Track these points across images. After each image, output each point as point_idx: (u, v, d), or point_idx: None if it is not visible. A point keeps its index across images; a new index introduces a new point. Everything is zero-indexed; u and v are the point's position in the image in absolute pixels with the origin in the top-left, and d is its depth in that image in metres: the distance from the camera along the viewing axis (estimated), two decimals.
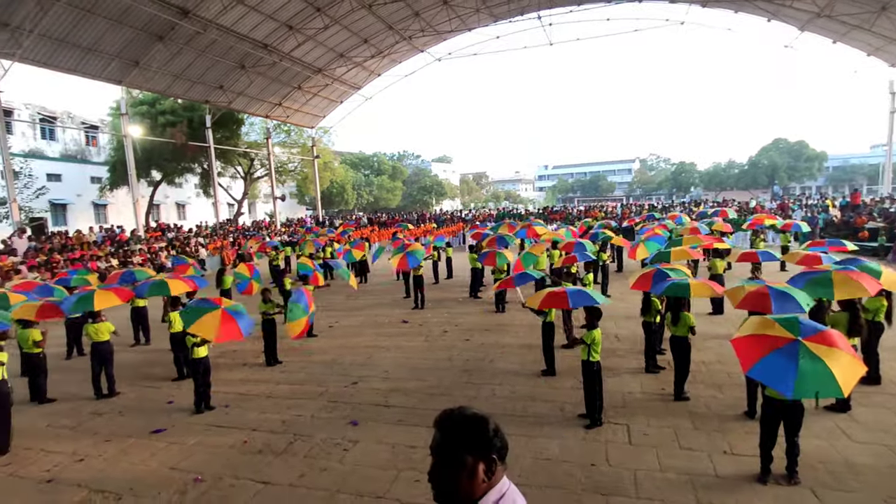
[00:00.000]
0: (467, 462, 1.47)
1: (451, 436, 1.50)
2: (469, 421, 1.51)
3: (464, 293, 14.72)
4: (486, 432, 1.50)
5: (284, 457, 5.70)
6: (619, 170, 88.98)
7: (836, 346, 3.99)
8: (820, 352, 3.91)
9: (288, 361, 9.23)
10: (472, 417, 1.53)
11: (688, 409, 6.43)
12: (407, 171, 67.99)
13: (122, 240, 22.21)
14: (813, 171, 62.82)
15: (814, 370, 3.81)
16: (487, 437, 1.49)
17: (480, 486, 1.48)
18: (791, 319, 4.33)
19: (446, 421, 1.53)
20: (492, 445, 1.49)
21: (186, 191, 39.65)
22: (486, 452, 1.48)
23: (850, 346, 4.25)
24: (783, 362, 3.92)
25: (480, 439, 1.48)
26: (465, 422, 1.51)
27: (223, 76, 25.32)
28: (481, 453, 1.47)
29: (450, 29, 27.07)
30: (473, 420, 1.52)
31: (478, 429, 1.50)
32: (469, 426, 1.50)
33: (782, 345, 4.05)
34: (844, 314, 6.18)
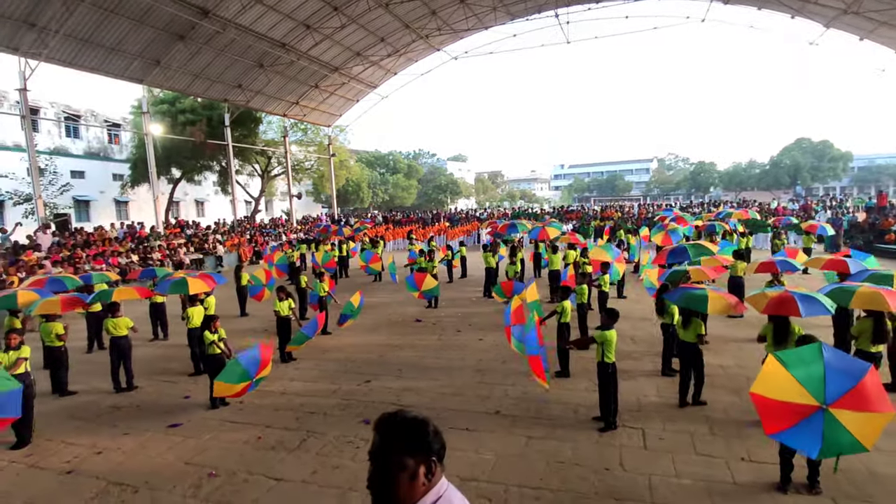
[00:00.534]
0: (408, 465, 1.46)
1: (392, 439, 1.49)
2: (409, 424, 1.51)
3: (478, 293, 14.68)
4: (426, 434, 1.50)
5: (297, 453, 5.73)
6: (636, 169, 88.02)
7: (864, 409, 3.69)
8: (845, 419, 3.66)
9: (301, 359, 9.29)
10: (411, 420, 1.52)
11: (705, 414, 6.31)
12: (422, 169, 68.06)
13: (142, 236, 22.61)
14: (837, 171, 61.33)
15: (838, 439, 3.65)
16: (427, 440, 1.49)
17: (420, 489, 1.48)
18: (816, 377, 3.80)
19: (386, 424, 1.52)
20: (431, 447, 1.49)
21: (205, 188, 40.23)
22: (427, 454, 1.48)
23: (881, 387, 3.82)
24: (808, 433, 3.72)
25: (421, 442, 1.48)
26: (406, 425, 1.51)
27: (242, 75, 25.61)
28: (422, 456, 1.47)
29: (466, 27, 27.00)
30: (413, 423, 1.51)
31: (418, 431, 1.50)
32: (409, 429, 1.50)
33: (807, 415, 3.75)
34: (869, 321, 6.01)
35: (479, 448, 5.67)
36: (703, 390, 6.58)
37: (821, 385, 3.75)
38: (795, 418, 3.74)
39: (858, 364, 3.98)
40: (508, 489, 4.85)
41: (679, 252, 9.50)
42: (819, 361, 3.88)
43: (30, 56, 17.50)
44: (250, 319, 12.74)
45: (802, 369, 3.87)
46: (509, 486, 4.89)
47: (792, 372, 3.86)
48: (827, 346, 4.05)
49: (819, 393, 3.73)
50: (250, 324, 12.29)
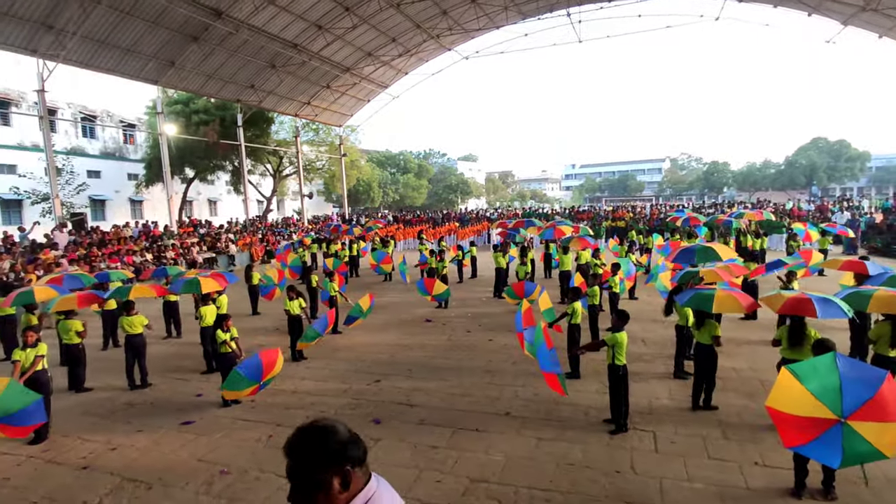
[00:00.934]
0: (321, 481, 1.42)
1: (300, 457, 1.46)
2: (315, 436, 1.47)
3: (488, 293, 14.66)
4: (333, 444, 1.46)
5: None
6: (648, 169, 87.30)
7: (883, 419, 3.61)
8: (864, 431, 3.58)
9: (312, 358, 9.35)
10: (318, 431, 1.48)
11: (718, 417, 6.24)
12: (433, 169, 68.12)
13: (155, 235, 22.90)
14: (855, 171, 60.27)
15: (859, 451, 3.59)
16: (336, 449, 1.45)
17: (339, 500, 1.44)
18: (831, 389, 3.70)
19: (293, 444, 1.48)
20: (343, 456, 1.45)
21: (218, 188, 40.64)
22: (339, 465, 1.44)
23: None
24: (827, 446, 3.66)
25: (329, 453, 1.44)
26: (311, 439, 1.46)
27: (254, 75, 25.84)
28: (333, 468, 1.43)
29: (477, 27, 26.97)
30: (320, 436, 1.47)
31: (325, 442, 1.46)
32: (316, 442, 1.46)
33: (826, 429, 3.67)
34: (887, 325, 5.88)
35: (488, 449, 5.66)
36: (714, 394, 6.51)
37: (837, 397, 3.65)
38: (814, 432, 3.66)
39: (874, 372, 3.87)
40: (518, 491, 4.84)
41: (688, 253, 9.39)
42: (834, 372, 3.77)
43: (47, 57, 17.81)
44: (262, 318, 12.84)
45: (817, 382, 3.76)
46: (519, 488, 4.87)
47: (806, 385, 3.75)
48: (841, 356, 3.94)
49: (836, 406, 3.63)
50: (262, 322, 12.40)
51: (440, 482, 5.04)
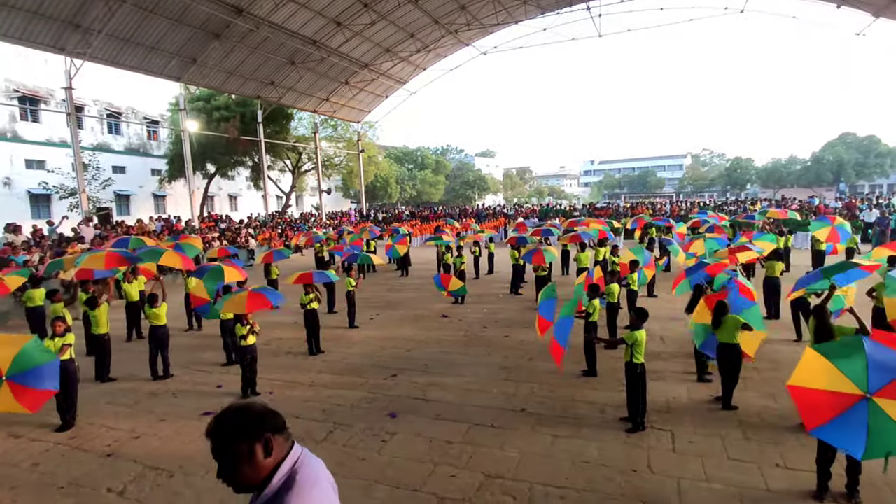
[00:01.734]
0: (242, 450, 1.53)
1: (220, 432, 1.55)
2: (232, 412, 1.58)
3: (504, 289, 14.62)
4: (250, 416, 1.57)
5: (324, 445, 5.84)
6: (669, 165, 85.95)
7: None
8: (892, 410, 3.47)
9: (330, 352, 9.45)
10: (234, 409, 1.60)
11: (738, 417, 6.14)
12: (450, 165, 68.07)
13: (178, 229, 23.34)
14: (885, 167, 58.39)
15: (886, 434, 3.44)
16: (253, 420, 1.56)
17: (265, 464, 1.56)
18: (858, 366, 3.65)
19: (213, 425, 1.58)
20: (261, 426, 1.56)
21: (238, 183, 41.26)
22: (259, 434, 1.54)
23: None
24: (852, 426, 3.53)
25: (247, 427, 1.55)
26: (229, 415, 1.57)
27: (274, 72, 26.10)
28: (253, 437, 1.54)
29: (496, 22, 26.79)
30: (236, 410, 1.59)
31: (241, 416, 1.57)
32: (233, 417, 1.57)
33: (850, 405, 3.58)
34: None
35: (504, 445, 5.66)
36: (735, 394, 6.40)
37: (864, 374, 3.56)
38: (837, 409, 3.55)
39: None
40: (533, 487, 4.83)
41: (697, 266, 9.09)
42: (861, 352, 3.68)
43: (75, 55, 18.24)
44: (281, 313, 12.97)
45: (843, 359, 3.69)
46: (534, 485, 4.87)
47: (833, 361, 3.68)
48: (868, 339, 3.86)
49: (862, 381, 3.54)
50: (280, 317, 12.52)
51: (455, 477, 5.05)
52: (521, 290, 14.24)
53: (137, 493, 4.98)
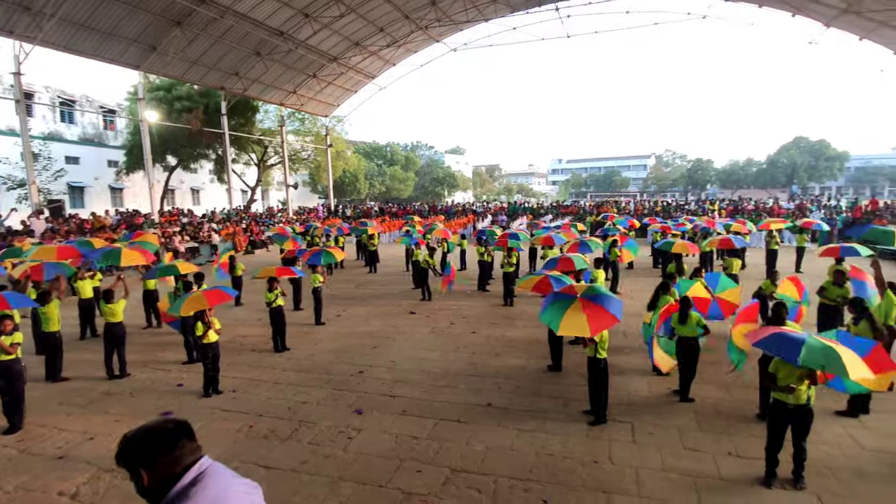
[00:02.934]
0: (133, 473, 1.66)
1: (126, 462, 1.67)
2: (123, 445, 1.68)
3: (473, 286, 14.70)
4: (131, 443, 1.66)
5: (289, 443, 5.76)
6: (633, 165, 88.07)
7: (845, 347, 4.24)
8: (829, 342, 4.16)
9: (296, 349, 9.31)
10: (124, 437, 1.69)
11: (694, 409, 6.37)
12: (420, 161, 67.89)
13: (137, 223, 22.51)
14: (833, 171, 61.57)
15: (822, 347, 4.06)
16: (132, 448, 1.66)
17: (162, 482, 1.64)
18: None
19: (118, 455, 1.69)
20: (137, 453, 1.65)
21: (201, 176, 40.03)
22: (139, 461, 1.64)
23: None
24: (793, 339, 4.21)
25: (132, 453, 1.66)
26: (123, 448, 1.67)
27: (239, 63, 25.42)
28: (138, 462, 1.65)
29: (466, 19, 26.84)
30: (124, 439, 1.69)
31: (126, 443, 1.67)
32: (122, 444, 1.68)
33: (792, 332, 4.37)
34: (865, 322, 6.03)
35: (469, 440, 5.72)
36: (692, 386, 6.64)
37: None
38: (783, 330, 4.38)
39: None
40: (498, 480, 4.90)
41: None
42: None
43: (24, 39, 17.30)
44: (244, 310, 12.73)
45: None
46: (499, 478, 4.93)
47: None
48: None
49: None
50: (245, 314, 12.29)
51: (421, 472, 5.07)
52: (489, 286, 14.34)
53: (91, 496, 4.80)
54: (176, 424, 1.74)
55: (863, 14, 21.18)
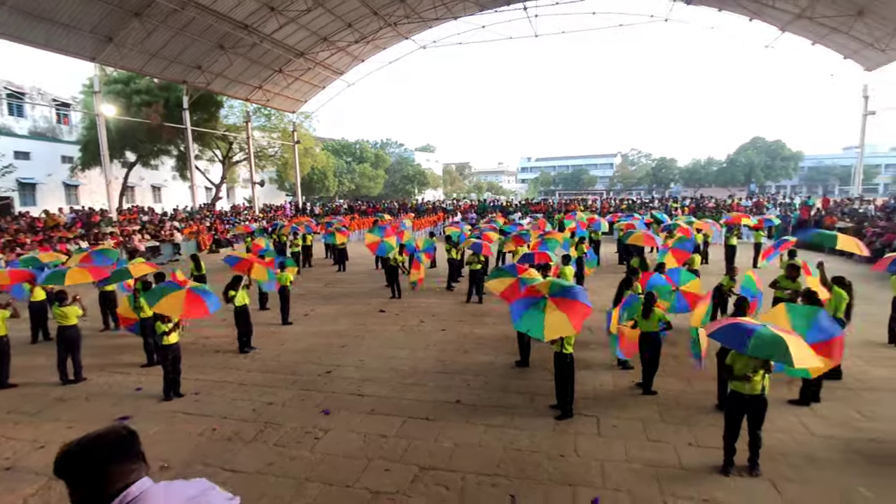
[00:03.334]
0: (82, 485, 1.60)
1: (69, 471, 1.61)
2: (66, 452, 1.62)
3: (443, 284, 14.71)
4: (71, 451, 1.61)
5: (254, 445, 5.64)
6: (600, 164, 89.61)
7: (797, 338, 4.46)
8: (780, 332, 4.34)
9: (262, 349, 9.12)
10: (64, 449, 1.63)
11: (657, 401, 6.54)
12: (390, 159, 67.47)
13: (94, 221, 21.62)
14: (788, 170, 64.24)
15: (771, 337, 4.27)
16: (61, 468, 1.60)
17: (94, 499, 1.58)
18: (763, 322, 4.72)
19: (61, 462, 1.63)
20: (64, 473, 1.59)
21: (162, 173, 38.77)
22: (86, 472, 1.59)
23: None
24: (744, 329, 4.42)
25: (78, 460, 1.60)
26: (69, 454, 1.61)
27: (201, 56, 24.67)
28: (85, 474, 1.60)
29: (435, 16, 26.78)
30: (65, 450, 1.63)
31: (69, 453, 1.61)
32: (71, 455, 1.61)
33: (746, 322, 4.55)
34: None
35: (438, 437, 5.71)
36: (654, 379, 6.81)
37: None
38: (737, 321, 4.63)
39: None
40: (466, 477, 4.91)
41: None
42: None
43: None
44: None
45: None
46: (467, 474, 4.95)
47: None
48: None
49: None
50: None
51: (389, 470, 5.04)
52: (454, 285, 14.33)
53: None
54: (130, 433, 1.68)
55: (815, 19, 22.14)
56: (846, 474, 4.84)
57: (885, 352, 8.26)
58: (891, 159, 67.05)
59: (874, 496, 4.50)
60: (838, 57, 25.63)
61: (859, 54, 24.59)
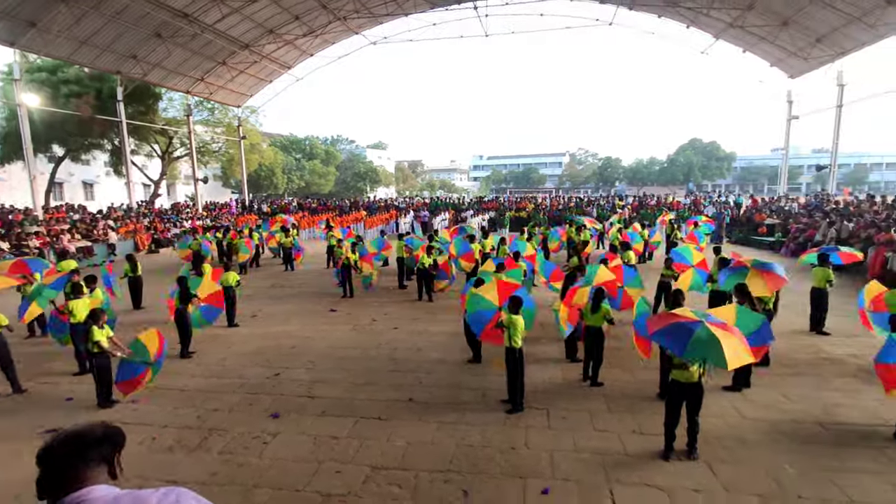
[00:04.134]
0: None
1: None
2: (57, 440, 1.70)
3: (394, 282, 14.62)
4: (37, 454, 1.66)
5: (198, 453, 5.41)
6: (550, 163, 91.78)
7: (732, 334, 4.61)
8: (717, 333, 4.47)
9: (206, 353, 8.76)
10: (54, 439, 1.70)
11: (603, 392, 6.78)
12: (340, 156, 66.34)
13: (16, 220, 20.02)
14: (723, 170, 68.20)
15: (706, 341, 4.43)
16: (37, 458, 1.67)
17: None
18: (704, 313, 4.97)
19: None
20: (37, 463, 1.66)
21: (95, 169, 36.41)
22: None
23: (745, 340, 4.84)
24: (683, 331, 4.56)
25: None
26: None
27: (137, 45, 23.30)
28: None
29: (386, 12, 26.53)
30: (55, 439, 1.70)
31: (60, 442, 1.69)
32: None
33: (687, 321, 4.68)
34: (747, 305, 6.74)
35: (390, 436, 5.69)
36: (601, 371, 7.06)
37: (706, 316, 4.81)
38: (677, 321, 4.73)
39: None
40: (418, 475, 4.91)
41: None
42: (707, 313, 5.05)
43: None
44: (147, 313, 11.76)
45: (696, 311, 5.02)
46: (419, 472, 4.95)
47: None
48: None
49: (703, 317, 4.74)
50: (147, 316, 11.34)
51: (340, 472, 4.97)
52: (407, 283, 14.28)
53: None
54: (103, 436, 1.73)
55: (746, 28, 23.57)
56: (773, 453, 5.21)
57: (807, 339, 8.93)
58: (813, 160, 72.46)
59: (797, 472, 4.86)
60: (766, 64, 27.42)
61: (784, 62, 26.38)
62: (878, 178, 68.57)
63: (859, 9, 18.78)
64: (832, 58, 23.30)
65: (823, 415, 6.03)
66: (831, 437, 5.53)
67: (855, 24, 19.74)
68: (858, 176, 68.37)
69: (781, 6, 21.28)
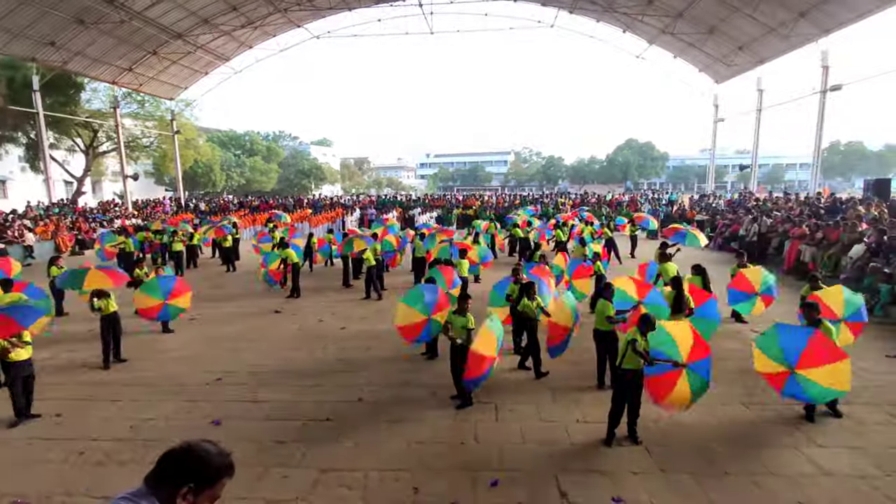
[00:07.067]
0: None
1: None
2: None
3: (339, 281, 14.36)
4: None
5: (131, 466, 5.10)
6: (496, 161, 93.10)
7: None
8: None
9: (139, 360, 8.26)
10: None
11: (549, 384, 6.98)
12: (283, 152, 64.34)
13: None
14: (658, 169, 71.77)
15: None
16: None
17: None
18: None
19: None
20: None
21: (8, 164, 33.45)
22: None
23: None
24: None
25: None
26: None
27: (56, 31, 21.57)
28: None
29: (329, 6, 25.98)
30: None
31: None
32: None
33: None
34: (672, 292, 7.16)
35: (339, 437, 5.60)
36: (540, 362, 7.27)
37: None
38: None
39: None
40: (368, 475, 4.87)
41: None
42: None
43: None
44: (69, 320, 10.93)
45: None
46: (369, 472, 4.91)
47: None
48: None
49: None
50: (69, 325, 10.54)
51: (287, 477, 4.84)
52: (353, 282, 14.08)
53: None
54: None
55: (676, 35, 24.88)
56: (703, 433, 5.56)
57: (732, 327, 9.56)
58: (737, 161, 77.60)
59: (724, 450, 5.22)
60: (694, 69, 29.09)
61: (711, 68, 28.10)
62: (793, 177, 74.32)
63: (775, 20, 20.29)
64: (753, 65, 25.07)
65: (746, 396, 6.49)
66: (753, 416, 5.97)
67: (772, 33, 21.32)
68: (776, 175, 73.83)
69: (707, 15, 22.64)
